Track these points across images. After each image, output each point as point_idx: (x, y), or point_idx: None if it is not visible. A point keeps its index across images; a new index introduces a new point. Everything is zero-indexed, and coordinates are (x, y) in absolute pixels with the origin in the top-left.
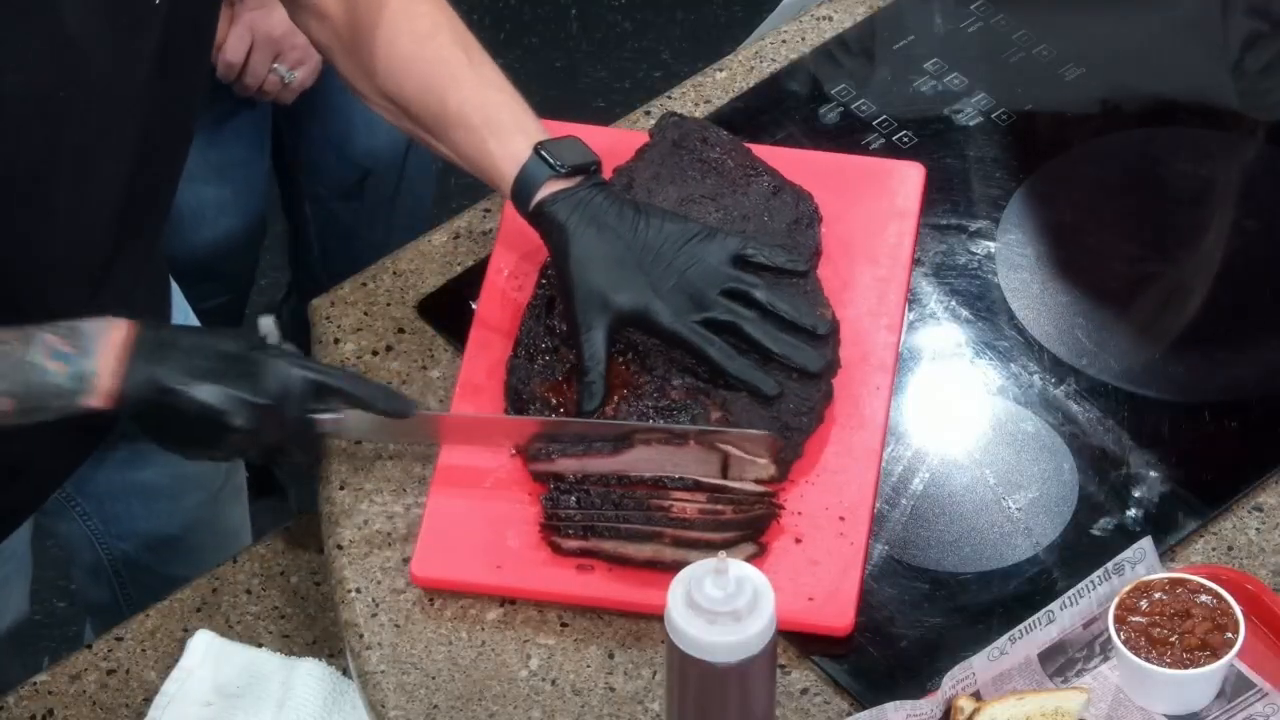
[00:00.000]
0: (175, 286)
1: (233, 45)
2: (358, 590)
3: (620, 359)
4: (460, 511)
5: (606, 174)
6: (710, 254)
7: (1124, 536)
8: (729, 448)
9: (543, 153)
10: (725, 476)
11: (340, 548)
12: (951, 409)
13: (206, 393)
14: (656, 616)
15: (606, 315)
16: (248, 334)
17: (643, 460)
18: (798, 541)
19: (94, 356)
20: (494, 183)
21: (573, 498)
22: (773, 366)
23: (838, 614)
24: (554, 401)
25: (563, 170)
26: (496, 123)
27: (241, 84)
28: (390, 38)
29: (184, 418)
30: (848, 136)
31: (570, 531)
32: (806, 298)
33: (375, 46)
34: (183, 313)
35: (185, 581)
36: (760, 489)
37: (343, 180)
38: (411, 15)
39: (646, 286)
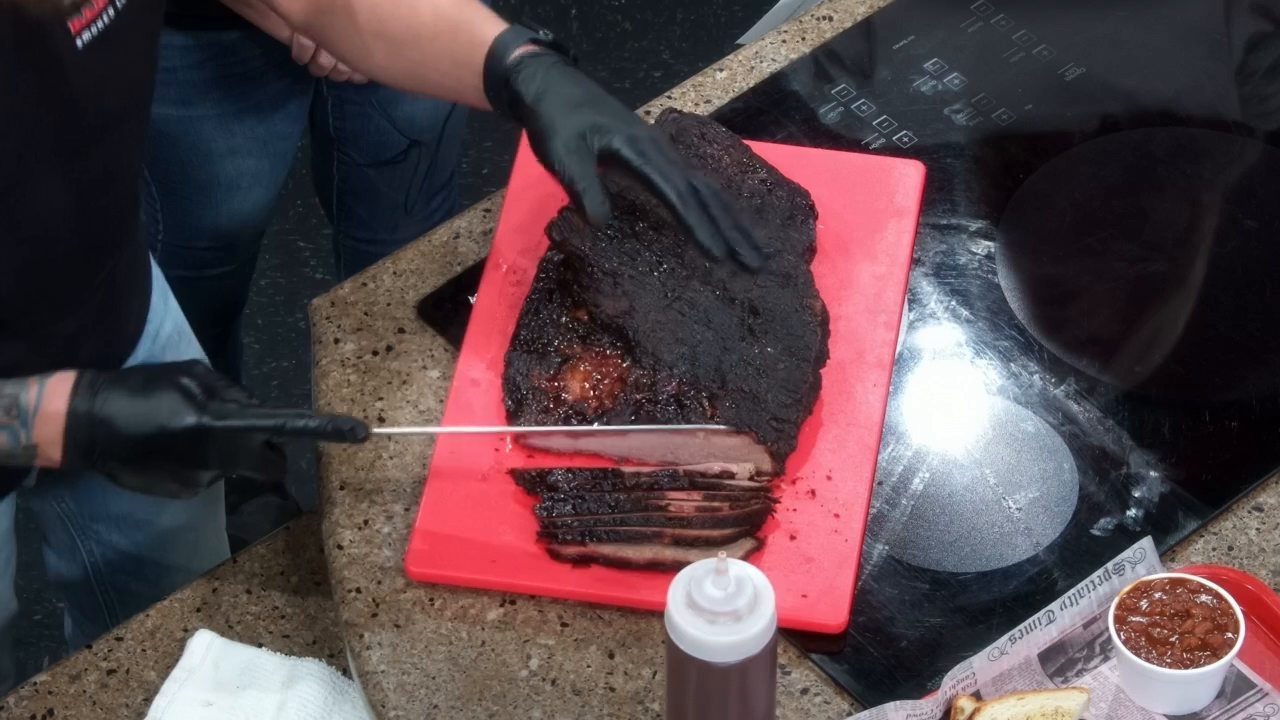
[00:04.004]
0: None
1: None
2: (358, 590)
3: (612, 351)
4: (455, 507)
5: None
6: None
7: (1124, 536)
8: (725, 465)
9: (521, 23)
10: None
11: (340, 548)
12: (951, 409)
13: (143, 484)
14: (655, 614)
15: (585, 141)
16: (194, 388)
17: (645, 446)
18: (792, 538)
19: (31, 429)
20: (468, 78)
21: (568, 505)
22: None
23: (832, 611)
24: (552, 393)
25: (543, 37)
26: (473, 16)
27: (316, 64)
28: None
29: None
30: (848, 136)
31: (569, 538)
32: (797, 290)
33: None
34: (160, 292)
35: (151, 561)
36: (754, 484)
37: (386, 149)
38: None
39: (622, 121)
